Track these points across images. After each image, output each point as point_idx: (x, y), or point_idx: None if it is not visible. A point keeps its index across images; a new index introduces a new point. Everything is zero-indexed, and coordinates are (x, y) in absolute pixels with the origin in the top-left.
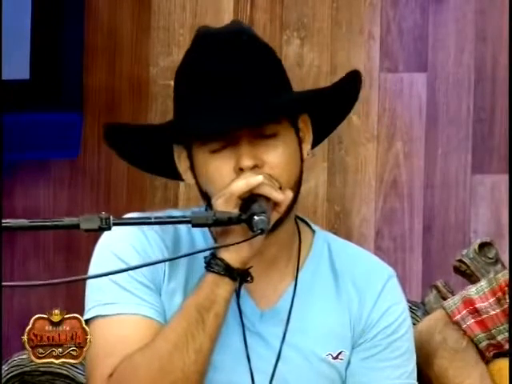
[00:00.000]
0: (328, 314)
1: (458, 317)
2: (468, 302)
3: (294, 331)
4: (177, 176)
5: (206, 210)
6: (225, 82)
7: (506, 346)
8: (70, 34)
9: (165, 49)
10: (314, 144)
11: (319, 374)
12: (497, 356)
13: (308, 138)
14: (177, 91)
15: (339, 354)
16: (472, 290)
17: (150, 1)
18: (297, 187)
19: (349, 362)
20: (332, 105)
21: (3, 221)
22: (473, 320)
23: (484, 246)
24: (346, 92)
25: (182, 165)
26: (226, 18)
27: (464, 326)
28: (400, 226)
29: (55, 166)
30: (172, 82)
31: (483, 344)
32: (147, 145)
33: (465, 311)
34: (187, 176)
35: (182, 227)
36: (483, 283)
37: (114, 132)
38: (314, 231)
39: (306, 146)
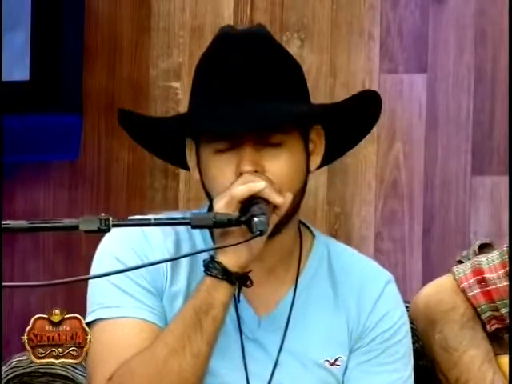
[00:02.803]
0: (326, 320)
1: (465, 284)
2: (477, 271)
3: (292, 337)
4: (183, 163)
5: (208, 211)
6: (239, 83)
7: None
8: (70, 35)
9: (165, 50)
10: (327, 161)
11: (316, 380)
12: (498, 331)
13: (319, 150)
14: (192, 85)
15: (337, 359)
16: (483, 260)
17: (149, 2)
18: (298, 197)
19: (346, 367)
20: (349, 121)
21: (3, 222)
22: (479, 290)
23: (484, 247)
24: (365, 111)
25: (191, 160)
26: (225, 19)
27: (470, 294)
28: (400, 227)
29: (55, 167)
30: (172, 84)
31: (486, 315)
32: (159, 133)
33: (473, 279)
34: (194, 172)
35: (183, 230)
36: (495, 254)
37: (127, 117)
38: (314, 235)
39: (315, 159)
